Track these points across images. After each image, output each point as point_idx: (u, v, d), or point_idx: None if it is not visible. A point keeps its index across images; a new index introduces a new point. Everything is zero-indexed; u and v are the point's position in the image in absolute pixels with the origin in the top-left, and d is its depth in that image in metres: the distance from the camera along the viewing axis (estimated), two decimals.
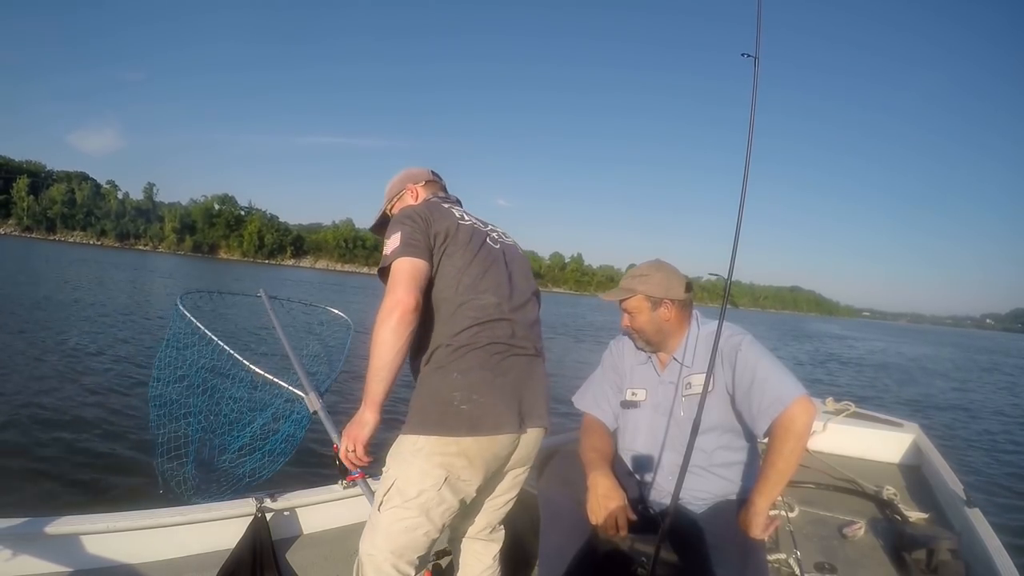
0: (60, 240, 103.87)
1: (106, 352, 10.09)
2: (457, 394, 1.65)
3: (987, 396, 18.04)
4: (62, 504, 4.30)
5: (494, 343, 1.74)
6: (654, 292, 2.10)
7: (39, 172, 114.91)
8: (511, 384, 1.74)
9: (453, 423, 1.64)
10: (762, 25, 1.75)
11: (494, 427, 1.67)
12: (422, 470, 1.64)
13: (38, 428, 5.89)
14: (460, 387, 1.66)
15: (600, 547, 2.03)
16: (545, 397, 1.87)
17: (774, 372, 1.91)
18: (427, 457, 1.64)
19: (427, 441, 1.64)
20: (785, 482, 1.86)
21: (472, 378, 1.67)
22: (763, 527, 1.83)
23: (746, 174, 1.78)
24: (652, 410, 2.16)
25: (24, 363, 8.63)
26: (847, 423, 4.07)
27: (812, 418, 1.85)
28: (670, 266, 2.17)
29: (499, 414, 1.68)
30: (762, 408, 1.88)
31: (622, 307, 2.16)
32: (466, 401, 1.65)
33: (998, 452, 9.80)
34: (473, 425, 1.64)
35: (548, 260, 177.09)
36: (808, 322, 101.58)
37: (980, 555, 2.39)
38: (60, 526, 1.84)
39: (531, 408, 1.78)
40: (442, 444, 1.64)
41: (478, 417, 1.65)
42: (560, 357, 16.07)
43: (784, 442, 1.81)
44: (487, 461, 1.70)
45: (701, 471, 2.00)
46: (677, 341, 2.15)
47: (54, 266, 34.03)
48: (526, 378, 1.80)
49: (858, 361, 25.22)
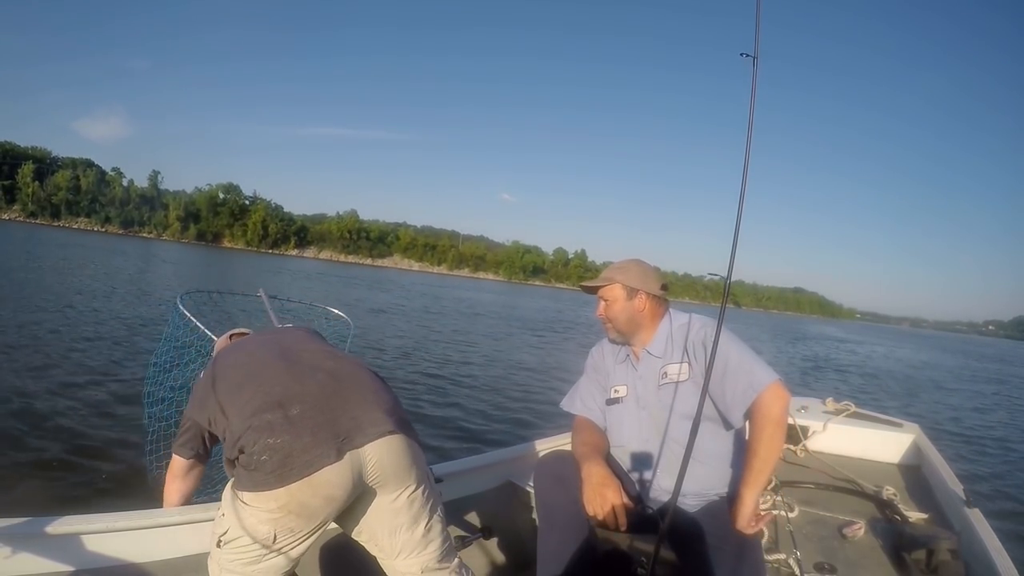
0: (65, 226, 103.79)
1: (102, 347, 10.05)
2: (255, 450, 1.54)
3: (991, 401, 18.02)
4: (59, 503, 4.30)
5: (269, 395, 1.65)
6: (630, 282, 2.17)
7: (44, 158, 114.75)
8: (311, 413, 1.60)
9: (261, 479, 1.53)
10: (762, 25, 1.74)
11: (305, 466, 1.53)
12: (251, 524, 1.55)
13: (32, 425, 5.85)
14: (256, 447, 1.54)
15: (598, 546, 2.03)
16: (376, 403, 1.72)
17: (746, 359, 1.94)
18: (253, 512, 1.55)
19: (250, 497, 1.55)
20: (770, 470, 1.89)
21: (259, 429, 1.56)
22: (751, 521, 1.85)
23: (745, 174, 1.78)
24: (634, 404, 2.20)
25: (18, 355, 8.59)
26: (847, 423, 4.06)
27: (787, 403, 1.89)
28: (649, 265, 2.26)
29: (305, 450, 1.54)
30: (735, 395, 1.92)
31: (599, 295, 2.22)
32: (265, 451, 1.53)
33: (998, 452, 9.80)
34: (280, 475, 1.52)
35: (552, 256, 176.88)
36: (806, 324, 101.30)
37: (980, 555, 2.39)
38: (58, 526, 1.83)
39: (355, 424, 1.63)
40: (261, 500, 1.54)
41: (280, 463, 1.52)
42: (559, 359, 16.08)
43: (762, 429, 1.86)
44: (314, 507, 1.57)
45: (692, 461, 1.99)
46: (649, 335, 2.20)
47: (57, 251, 34.05)
48: (331, 396, 1.66)
49: (858, 368, 25.12)
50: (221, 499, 1.67)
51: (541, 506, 2.11)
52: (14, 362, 8.04)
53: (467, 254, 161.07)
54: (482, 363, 13.33)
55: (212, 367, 1.90)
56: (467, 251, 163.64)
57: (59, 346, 9.28)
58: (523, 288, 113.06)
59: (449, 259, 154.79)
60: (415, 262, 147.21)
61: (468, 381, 10.90)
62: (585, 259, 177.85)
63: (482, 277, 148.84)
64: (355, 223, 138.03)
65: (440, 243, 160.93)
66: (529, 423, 8.27)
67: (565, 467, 2.10)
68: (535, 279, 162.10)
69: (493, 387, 10.71)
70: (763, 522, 1.88)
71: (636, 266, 2.22)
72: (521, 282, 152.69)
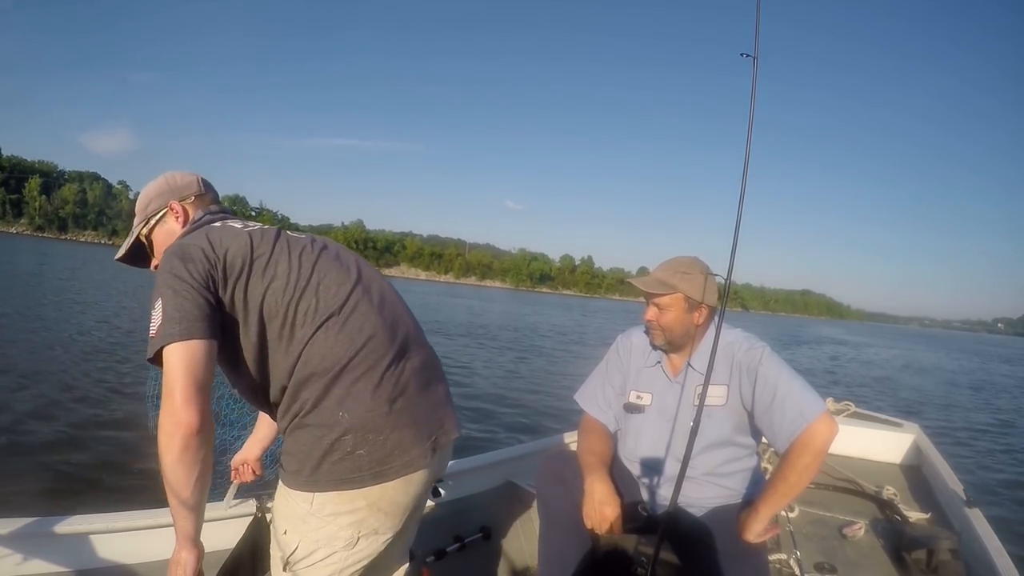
0: (71, 239, 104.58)
1: (104, 350, 10.15)
2: (348, 437, 1.31)
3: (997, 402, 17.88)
4: (59, 504, 4.33)
5: (373, 359, 1.37)
6: (694, 294, 1.98)
7: (51, 172, 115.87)
8: (411, 404, 1.40)
9: (352, 474, 1.32)
10: (765, 23, 1.75)
11: (404, 466, 1.36)
12: (328, 533, 1.34)
13: (33, 427, 5.92)
14: (351, 428, 1.31)
15: (599, 548, 2.02)
16: (449, 396, 1.55)
17: (795, 388, 1.85)
18: (331, 518, 1.34)
19: (325, 499, 1.33)
20: (793, 496, 1.82)
21: (362, 413, 1.33)
22: (760, 533, 1.81)
23: (745, 175, 1.79)
24: (657, 416, 2.08)
25: (23, 360, 8.69)
26: (847, 423, 4.04)
27: (833, 436, 1.80)
28: (708, 268, 2.03)
29: (406, 449, 1.37)
30: (784, 425, 1.82)
31: (653, 300, 2.02)
32: (362, 444, 1.32)
33: (998, 452, 9.75)
34: (377, 473, 1.33)
35: (558, 263, 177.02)
36: (811, 326, 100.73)
37: (980, 555, 2.38)
38: (59, 526, 1.84)
39: (441, 422, 1.47)
40: (346, 500, 1.33)
41: (380, 460, 1.33)
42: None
43: (800, 457, 1.77)
44: (404, 506, 1.41)
45: (705, 480, 1.98)
46: (695, 346, 2.05)
47: (64, 265, 34.23)
48: (424, 387, 1.45)
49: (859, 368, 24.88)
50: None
51: (542, 506, 2.08)
52: (23, 371, 8.07)
53: (474, 262, 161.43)
54: (486, 364, 13.36)
55: (217, 231, 1.43)
56: (474, 259, 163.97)
57: (67, 357, 9.32)
58: (530, 295, 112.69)
59: (456, 267, 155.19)
60: (422, 271, 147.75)
61: (469, 381, 10.92)
62: (592, 266, 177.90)
63: (489, 285, 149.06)
64: (362, 233, 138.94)
65: (447, 252, 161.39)
66: (529, 424, 8.27)
67: (567, 467, 2.07)
68: (542, 286, 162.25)
69: (494, 387, 10.72)
70: (771, 534, 1.85)
71: (700, 273, 1.99)
72: (528, 289, 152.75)
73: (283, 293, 1.35)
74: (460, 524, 2.57)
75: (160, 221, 1.55)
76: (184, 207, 1.54)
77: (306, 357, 1.33)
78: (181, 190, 1.56)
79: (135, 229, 1.55)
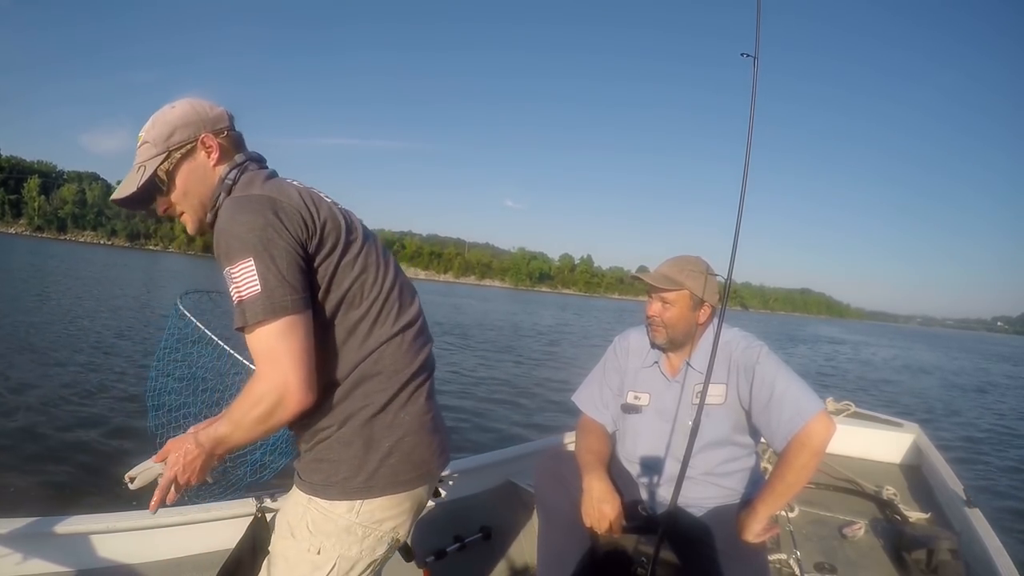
0: (71, 240, 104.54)
1: (104, 351, 10.14)
2: (408, 439, 1.31)
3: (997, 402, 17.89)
4: (59, 504, 4.33)
5: (427, 372, 1.40)
6: (700, 292, 2.00)
7: (50, 172, 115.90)
8: (437, 413, 1.42)
9: (408, 474, 1.31)
10: (766, 23, 1.75)
11: (438, 468, 1.40)
12: (371, 546, 1.29)
13: (33, 427, 5.92)
14: (410, 431, 1.31)
15: (599, 548, 2.03)
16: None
17: (793, 386, 1.85)
18: (376, 525, 1.29)
19: (373, 506, 1.28)
20: (792, 495, 1.83)
21: (419, 417, 1.33)
22: (759, 533, 1.81)
23: (745, 175, 1.79)
24: (655, 415, 2.09)
25: (22, 362, 8.68)
26: (847, 423, 4.04)
27: (831, 435, 1.80)
28: (710, 267, 2.06)
29: (438, 452, 1.39)
30: (781, 423, 1.82)
31: (658, 295, 2.03)
32: (417, 447, 1.32)
33: (999, 452, 9.75)
34: (423, 474, 1.34)
35: (558, 262, 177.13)
36: (811, 325, 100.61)
37: (980, 555, 2.38)
38: (59, 526, 1.84)
39: (446, 435, 1.46)
40: (395, 503, 1.30)
41: (426, 462, 1.35)
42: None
43: (798, 456, 1.77)
44: (424, 502, 1.41)
45: (704, 480, 1.98)
46: (695, 345, 2.06)
47: (62, 265, 34.21)
48: (433, 396, 1.43)
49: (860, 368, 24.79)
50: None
51: (541, 506, 2.08)
52: (24, 370, 8.09)
53: (473, 261, 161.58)
54: (485, 364, 13.35)
55: (299, 193, 1.29)
56: (473, 258, 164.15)
57: (68, 354, 9.32)
58: (530, 295, 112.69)
59: (455, 267, 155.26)
60: (421, 270, 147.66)
61: (468, 381, 10.93)
62: (591, 265, 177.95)
63: (488, 284, 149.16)
64: None
65: (446, 251, 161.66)
66: (530, 423, 8.28)
67: (566, 467, 2.07)
68: (541, 285, 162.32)
69: (495, 387, 10.73)
70: (770, 534, 1.84)
71: (704, 272, 2.01)
72: (527, 288, 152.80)
73: (372, 287, 1.29)
74: (460, 524, 2.57)
75: (187, 156, 1.30)
76: (220, 143, 1.31)
77: (378, 356, 1.28)
78: (214, 121, 1.33)
79: (150, 163, 1.28)
